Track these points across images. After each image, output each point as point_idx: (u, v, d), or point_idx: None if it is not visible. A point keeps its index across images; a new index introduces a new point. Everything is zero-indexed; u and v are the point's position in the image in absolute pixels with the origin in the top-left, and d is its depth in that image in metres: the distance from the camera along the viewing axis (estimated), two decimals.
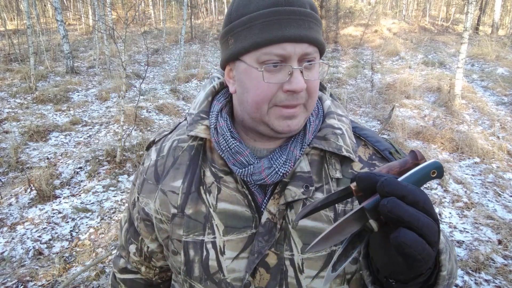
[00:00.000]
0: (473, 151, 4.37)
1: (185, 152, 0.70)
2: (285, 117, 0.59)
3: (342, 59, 10.77)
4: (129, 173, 3.97)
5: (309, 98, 0.61)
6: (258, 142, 0.67)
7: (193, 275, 0.65)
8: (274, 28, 0.56)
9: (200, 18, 18.85)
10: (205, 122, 0.67)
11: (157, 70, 9.60)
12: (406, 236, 0.36)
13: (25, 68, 7.87)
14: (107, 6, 8.49)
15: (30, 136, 4.79)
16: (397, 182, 0.38)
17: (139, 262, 0.80)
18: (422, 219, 0.37)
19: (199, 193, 0.66)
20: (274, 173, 0.61)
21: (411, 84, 7.01)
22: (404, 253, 0.37)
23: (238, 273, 0.62)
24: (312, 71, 0.60)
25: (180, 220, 0.66)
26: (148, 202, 0.71)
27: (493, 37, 11.91)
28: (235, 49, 0.60)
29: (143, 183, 0.72)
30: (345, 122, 0.68)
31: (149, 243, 0.75)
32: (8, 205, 3.36)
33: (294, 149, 0.63)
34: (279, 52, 0.56)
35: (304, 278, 0.61)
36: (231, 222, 0.63)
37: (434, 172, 0.41)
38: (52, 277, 2.47)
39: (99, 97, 6.80)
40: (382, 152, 0.67)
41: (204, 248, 0.64)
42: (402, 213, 0.36)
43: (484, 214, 3.16)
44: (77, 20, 16.87)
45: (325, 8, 13.77)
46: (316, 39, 0.59)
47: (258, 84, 0.58)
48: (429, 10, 18.64)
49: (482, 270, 2.49)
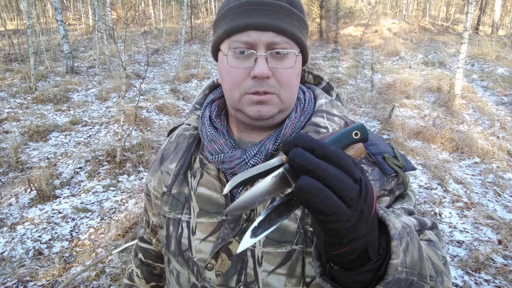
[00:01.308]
0: (473, 151, 4.37)
1: (185, 140, 0.77)
2: (255, 102, 0.61)
3: (342, 59, 10.77)
4: (129, 173, 3.97)
5: (282, 89, 0.62)
6: (244, 134, 0.70)
7: (170, 249, 0.71)
8: (243, 17, 0.60)
9: (200, 18, 18.85)
10: (197, 112, 0.75)
11: (157, 70, 9.60)
12: (304, 180, 0.33)
13: (25, 68, 7.87)
14: (107, 6, 8.49)
15: (30, 136, 4.79)
16: (307, 136, 0.36)
17: (150, 234, 0.89)
18: (330, 170, 0.34)
19: (185, 176, 0.72)
20: (244, 163, 0.63)
21: (411, 84, 7.01)
22: (306, 203, 0.34)
23: (204, 255, 0.66)
24: (282, 61, 0.61)
25: (167, 198, 0.73)
26: (151, 179, 0.80)
27: (493, 37, 11.91)
28: (214, 39, 0.66)
29: (152, 163, 0.82)
30: (336, 122, 0.67)
31: (152, 217, 0.84)
32: (8, 205, 3.36)
33: (268, 143, 0.64)
34: (245, 39, 0.60)
35: (262, 271, 0.61)
36: (206, 206, 0.68)
37: (357, 133, 0.38)
38: (52, 277, 2.47)
39: (99, 97, 6.80)
40: (374, 156, 0.64)
41: (180, 226, 0.69)
42: (305, 161, 0.34)
43: (484, 214, 3.16)
44: (77, 20, 16.87)
45: (325, 8, 13.77)
46: (284, 29, 0.60)
47: (229, 70, 0.62)
48: (429, 10, 18.64)
49: (482, 270, 2.49)
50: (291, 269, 0.61)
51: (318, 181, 0.34)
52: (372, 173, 0.63)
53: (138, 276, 0.91)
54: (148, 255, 0.90)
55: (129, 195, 3.55)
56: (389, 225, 0.41)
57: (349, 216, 0.35)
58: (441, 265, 0.53)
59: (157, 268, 0.91)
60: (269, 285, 0.61)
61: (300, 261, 0.61)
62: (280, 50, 0.60)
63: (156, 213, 0.78)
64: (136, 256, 0.93)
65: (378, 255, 0.40)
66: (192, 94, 7.27)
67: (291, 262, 0.61)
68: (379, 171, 0.63)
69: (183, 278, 0.69)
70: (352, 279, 0.41)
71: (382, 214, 0.43)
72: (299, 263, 0.60)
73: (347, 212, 0.34)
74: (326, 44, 12.99)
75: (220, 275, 0.64)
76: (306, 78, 0.80)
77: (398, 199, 0.65)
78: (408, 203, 0.64)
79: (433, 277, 0.46)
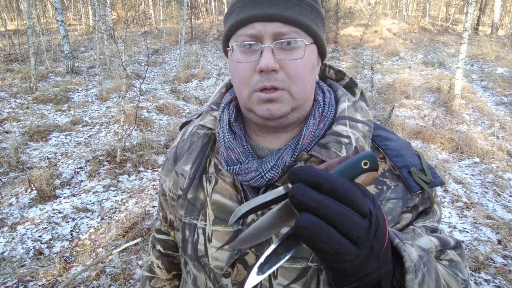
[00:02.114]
0: (473, 151, 4.38)
1: (199, 139, 0.73)
2: (264, 100, 0.57)
3: (342, 59, 10.78)
4: (129, 173, 3.98)
5: (292, 83, 0.57)
6: (260, 138, 0.66)
7: (187, 253, 0.70)
8: (247, 9, 0.56)
9: (200, 18, 18.86)
10: (214, 113, 0.70)
11: (157, 70, 9.61)
12: (304, 219, 0.32)
13: (26, 68, 7.88)
14: (107, 6, 8.49)
15: (30, 136, 4.79)
16: (312, 169, 0.34)
17: (168, 227, 0.88)
18: (334, 207, 0.32)
19: (200, 180, 0.69)
20: (260, 177, 0.59)
21: (410, 84, 7.01)
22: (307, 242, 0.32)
23: (220, 262, 0.65)
24: (291, 53, 0.56)
25: (183, 202, 0.71)
26: (166, 179, 0.78)
27: (492, 37, 11.92)
28: (223, 36, 0.63)
29: (166, 162, 0.80)
30: (360, 130, 0.61)
31: (169, 215, 0.84)
32: (8, 205, 3.36)
33: (285, 155, 0.60)
34: (250, 32, 0.56)
35: (276, 284, 0.60)
36: (221, 214, 0.65)
37: (366, 163, 0.36)
38: (53, 277, 2.47)
39: (100, 97, 6.81)
40: (399, 169, 0.59)
41: (196, 232, 0.68)
42: (306, 198, 0.32)
43: (483, 214, 3.17)
44: (78, 20, 16.88)
45: (325, 8, 13.78)
46: (292, 17, 0.55)
47: (236, 66, 0.59)
48: (429, 10, 18.64)
49: (482, 270, 2.50)
50: (306, 285, 0.59)
51: (321, 219, 0.32)
52: (395, 190, 0.59)
53: (159, 267, 0.90)
54: (168, 246, 0.90)
55: (130, 195, 3.56)
56: (404, 256, 0.39)
57: (356, 255, 0.33)
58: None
59: (177, 257, 0.91)
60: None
61: (315, 279, 0.58)
62: (287, 40, 0.56)
63: (172, 213, 0.77)
64: (154, 248, 0.91)
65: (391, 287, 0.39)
66: (192, 94, 7.27)
67: (306, 278, 0.59)
68: (403, 187, 0.59)
69: (200, 282, 0.69)
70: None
71: (398, 244, 0.41)
72: (314, 280, 0.58)
73: (353, 251, 0.32)
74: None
75: (236, 284, 0.64)
76: (328, 73, 0.74)
77: (421, 215, 0.62)
78: (432, 220, 0.61)
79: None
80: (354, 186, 0.34)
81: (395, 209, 0.57)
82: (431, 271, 0.41)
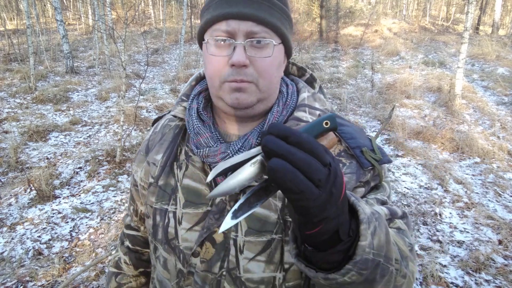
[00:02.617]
0: (474, 151, 4.37)
1: (171, 130, 0.78)
2: (233, 89, 0.63)
3: (342, 59, 10.77)
4: (129, 173, 3.97)
5: (260, 78, 0.63)
6: (228, 125, 0.72)
7: (157, 238, 0.73)
8: (223, 7, 0.61)
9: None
10: (184, 103, 0.76)
11: (157, 70, 9.60)
12: (274, 161, 0.36)
13: (25, 68, 7.87)
14: (107, 6, 8.47)
15: (29, 136, 4.78)
16: (281, 125, 0.39)
17: (138, 221, 0.90)
18: (299, 154, 0.37)
19: (171, 167, 0.74)
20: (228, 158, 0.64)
21: (411, 84, 7.00)
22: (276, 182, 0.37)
23: (190, 243, 0.69)
24: (261, 50, 0.62)
25: (154, 189, 0.75)
26: (137, 170, 0.81)
27: (493, 37, 11.91)
28: (198, 29, 0.68)
29: (137, 154, 0.83)
30: (318, 116, 0.69)
31: (140, 206, 0.86)
32: (7, 205, 3.35)
33: (251, 137, 0.66)
34: (224, 28, 0.61)
35: (243, 258, 0.65)
36: (191, 197, 0.70)
37: (327, 122, 0.42)
38: (52, 277, 2.46)
39: (99, 97, 6.80)
40: (352, 149, 0.67)
41: (167, 216, 0.72)
42: (276, 146, 0.37)
43: (484, 214, 3.16)
44: (77, 20, 16.87)
45: (325, 8, 13.76)
46: (264, 18, 0.61)
47: (210, 58, 0.64)
48: (430, 10, 18.63)
49: (483, 270, 2.49)
50: (270, 256, 0.65)
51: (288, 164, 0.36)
52: (349, 166, 0.66)
53: (126, 263, 0.92)
54: (136, 242, 0.92)
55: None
56: (358, 210, 0.45)
57: (317, 195, 0.37)
58: (407, 251, 0.56)
59: (145, 254, 0.93)
60: (249, 271, 0.65)
61: (279, 249, 0.65)
62: (258, 39, 0.61)
63: (143, 202, 0.80)
64: (122, 244, 0.94)
65: (348, 237, 0.43)
66: None
67: (270, 250, 0.65)
68: (356, 164, 0.66)
69: (170, 264, 0.72)
70: (324, 259, 0.44)
71: (354, 201, 0.46)
72: (278, 251, 0.65)
73: (315, 191, 0.37)
74: (326, 44, 12.99)
75: (204, 261, 0.68)
76: (290, 70, 0.82)
77: (373, 189, 0.69)
78: (382, 194, 0.68)
79: (398, 260, 0.50)
80: (317, 141, 0.39)
81: (350, 182, 0.65)
82: (382, 225, 0.46)
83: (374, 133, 5.04)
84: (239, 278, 0.66)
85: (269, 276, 0.65)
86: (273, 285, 0.66)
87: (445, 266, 2.57)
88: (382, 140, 4.86)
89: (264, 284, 0.65)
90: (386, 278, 0.47)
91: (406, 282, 0.53)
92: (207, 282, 0.68)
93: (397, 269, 0.49)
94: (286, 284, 0.66)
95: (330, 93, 7.03)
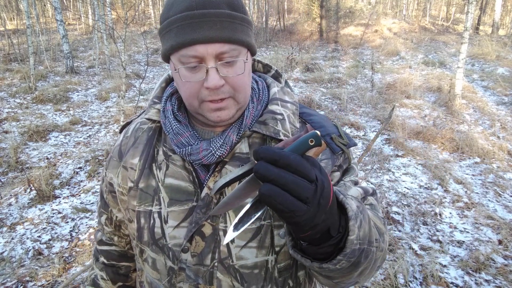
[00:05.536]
0: (474, 151, 4.37)
1: (144, 133, 0.78)
2: (214, 109, 0.66)
3: (342, 59, 10.77)
4: None
5: (236, 92, 0.66)
6: (205, 126, 0.74)
7: (143, 240, 0.74)
8: (187, 32, 0.61)
9: None
10: (157, 106, 0.77)
11: (156, 70, 9.60)
12: (265, 187, 0.41)
13: (25, 68, 7.87)
14: (107, 6, 8.47)
15: (29, 136, 4.78)
16: (270, 149, 0.43)
17: (112, 232, 0.89)
18: (287, 177, 0.41)
19: (151, 169, 0.75)
20: (211, 154, 0.67)
21: (411, 84, 7.00)
22: (269, 205, 0.42)
23: (178, 240, 0.70)
24: (233, 67, 0.64)
25: (135, 192, 0.75)
26: (112, 177, 0.81)
27: (493, 37, 11.91)
28: (162, 50, 0.68)
29: (110, 160, 0.83)
30: (289, 108, 0.74)
31: (117, 213, 0.86)
32: (7, 205, 3.35)
33: (232, 134, 0.69)
34: (192, 54, 0.62)
35: (234, 247, 0.68)
36: (175, 195, 0.71)
37: (312, 140, 0.45)
38: (52, 277, 2.46)
39: (99, 97, 6.80)
40: (324, 137, 0.71)
41: (151, 217, 0.73)
42: (266, 172, 0.41)
43: (484, 214, 3.16)
44: (77, 20, 16.87)
45: (325, 8, 13.76)
46: (229, 37, 0.62)
47: (183, 83, 0.65)
48: (430, 10, 18.63)
49: (483, 270, 2.49)
50: (261, 241, 0.68)
51: (278, 187, 0.41)
52: (324, 153, 0.71)
53: (103, 279, 0.92)
54: (111, 256, 0.92)
55: None
56: (347, 208, 0.50)
57: (305, 211, 0.42)
58: (382, 226, 0.65)
59: (122, 267, 0.93)
60: (242, 258, 0.68)
61: (269, 234, 0.68)
62: (228, 60, 0.63)
63: (123, 208, 0.80)
64: (97, 261, 0.93)
65: (338, 232, 0.50)
66: None
67: (260, 235, 0.68)
68: (329, 150, 0.72)
69: (159, 264, 0.73)
70: (318, 252, 0.50)
71: (342, 199, 0.51)
72: (268, 235, 0.68)
73: (303, 208, 0.42)
74: (326, 44, 12.99)
75: (195, 255, 0.69)
76: (256, 67, 0.84)
77: (345, 172, 0.75)
78: (354, 175, 0.75)
79: (378, 240, 0.58)
80: (303, 159, 0.43)
81: (327, 167, 0.71)
82: (365, 217, 0.53)
83: (374, 133, 5.04)
84: (233, 266, 0.68)
85: (262, 260, 0.69)
86: (266, 268, 0.69)
87: (445, 266, 2.57)
88: (382, 140, 4.86)
89: (258, 268, 0.69)
90: (369, 258, 0.55)
91: (383, 254, 0.62)
92: (200, 275, 0.69)
93: (376, 247, 0.57)
94: (278, 266, 0.70)
95: (330, 93, 7.03)
